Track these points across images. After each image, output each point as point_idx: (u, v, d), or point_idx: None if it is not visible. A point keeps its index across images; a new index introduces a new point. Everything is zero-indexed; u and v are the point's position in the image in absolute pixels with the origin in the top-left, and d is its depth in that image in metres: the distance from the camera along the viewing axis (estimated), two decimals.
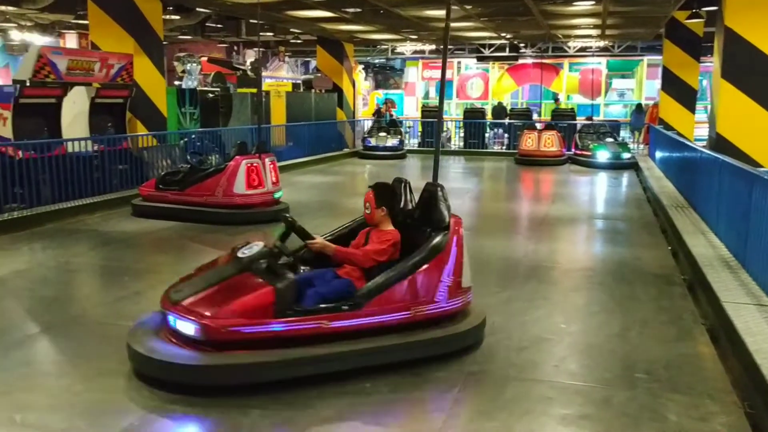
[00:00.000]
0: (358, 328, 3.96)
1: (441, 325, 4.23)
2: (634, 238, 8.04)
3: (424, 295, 4.14)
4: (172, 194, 8.91)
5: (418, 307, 4.13)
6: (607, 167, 15.64)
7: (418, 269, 4.13)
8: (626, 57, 24.78)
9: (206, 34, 20.00)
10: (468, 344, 4.31)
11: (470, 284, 4.45)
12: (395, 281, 4.08)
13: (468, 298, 4.45)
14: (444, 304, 4.22)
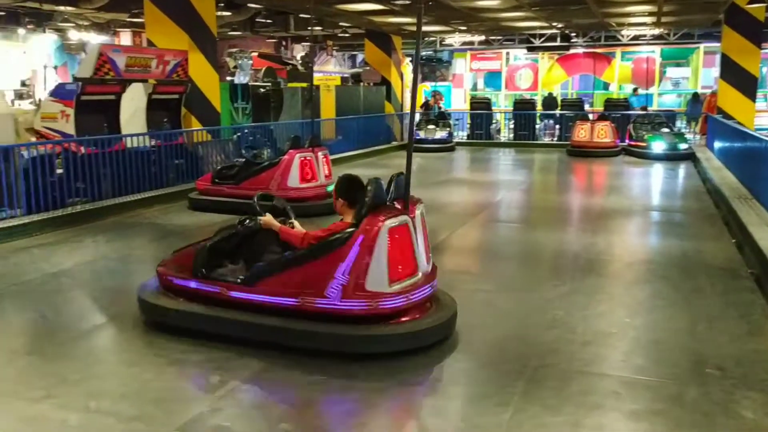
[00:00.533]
0: (252, 303, 4.27)
1: (345, 324, 4.08)
2: (696, 231, 7.80)
3: (312, 287, 4.11)
4: (228, 188, 9.05)
5: (306, 297, 4.13)
6: (662, 158, 15.23)
7: (309, 260, 4.18)
8: (682, 45, 24.05)
9: (255, 29, 20.23)
10: (361, 350, 4.03)
11: (388, 290, 4.07)
12: (285, 266, 4.25)
13: (381, 303, 4.05)
14: (336, 302, 4.06)
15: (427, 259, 4.48)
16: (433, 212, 9.23)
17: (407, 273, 4.21)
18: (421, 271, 4.31)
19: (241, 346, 4.26)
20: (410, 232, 4.28)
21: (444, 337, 4.28)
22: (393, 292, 4.11)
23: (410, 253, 4.27)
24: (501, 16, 16.41)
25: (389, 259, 4.10)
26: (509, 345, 4.32)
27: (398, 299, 4.14)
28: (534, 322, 4.74)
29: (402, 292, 4.14)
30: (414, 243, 4.29)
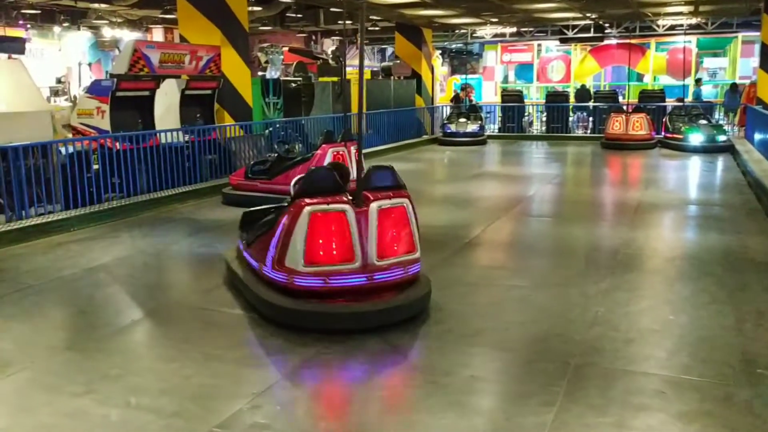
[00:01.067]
0: (248, 263, 5.17)
1: (278, 293, 4.60)
2: (738, 225, 7.59)
3: (261, 256, 4.80)
4: (261, 183, 9.07)
5: (260, 264, 4.82)
6: (700, 151, 14.87)
7: (266, 231, 4.83)
8: (719, 34, 23.46)
9: (286, 24, 20.26)
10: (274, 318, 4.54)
11: (302, 269, 4.43)
12: (260, 234, 4.99)
13: (296, 279, 4.47)
14: (269, 272, 4.65)
15: (385, 253, 4.57)
16: (466, 206, 9.17)
17: (334, 259, 4.47)
18: (361, 261, 4.48)
19: (280, 341, 4.25)
20: (346, 222, 4.47)
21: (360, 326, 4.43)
22: (307, 272, 4.44)
23: (343, 241, 4.48)
24: (533, 8, 16.18)
25: (307, 241, 4.44)
26: (550, 343, 4.23)
27: (313, 280, 4.46)
28: (575, 319, 4.64)
29: (319, 274, 4.44)
30: (352, 233, 4.47)
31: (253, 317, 4.73)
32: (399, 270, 4.65)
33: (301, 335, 4.33)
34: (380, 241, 4.57)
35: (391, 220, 4.65)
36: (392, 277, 4.61)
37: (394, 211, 4.68)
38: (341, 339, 4.30)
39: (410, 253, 4.72)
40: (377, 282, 4.56)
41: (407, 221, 4.75)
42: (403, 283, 4.70)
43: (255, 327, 4.57)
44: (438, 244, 6.87)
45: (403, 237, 4.72)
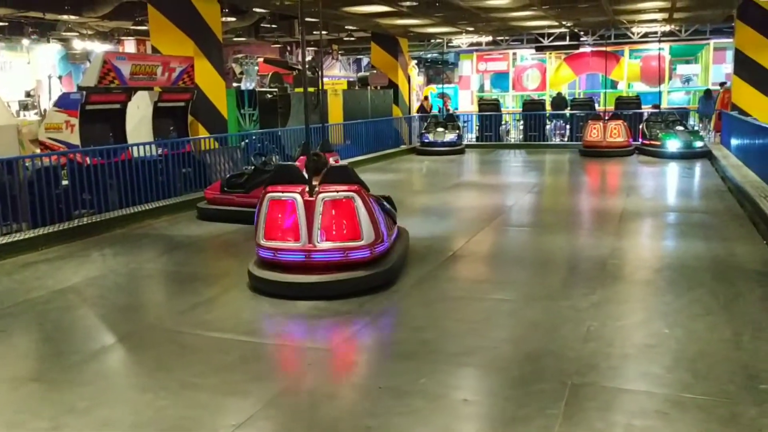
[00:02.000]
0: None
1: None
2: (725, 232, 7.51)
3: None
4: (238, 197, 8.81)
5: None
6: (678, 157, 14.92)
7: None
8: (692, 41, 23.73)
9: (260, 35, 20.05)
10: None
11: (262, 243, 5.56)
12: None
13: (259, 250, 5.63)
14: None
15: (326, 236, 5.42)
16: (447, 217, 9.01)
17: (282, 237, 5.47)
18: (305, 242, 5.39)
19: (261, 365, 4.03)
20: (295, 208, 5.45)
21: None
22: (265, 246, 5.55)
23: (291, 224, 5.44)
24: (510, 16, 16.15)
25: (266, 221, 5.54)
26: (544, 361, 4.04)
27: (268, 253, 5.55)
28: (567, 335, 4.47)
29: (271, 248, 5.51)
30: (299, 217, 5.43)
31: (231, 339, 4.49)
32: (338, 253, 5.41)
33: (284, 358, 4.11)
34: (323, 227, 5.41)
35: (336, 210, 5.45)
36: (329, 258, 5.41)
37: (341, 203, 5.46)
38: (325, 365, 4.09)
39: (353, 240, 5.43)
40: (314, 261, 5.41)
41: (353, 213, 5.46)
42: (343, 264, 5.41)
43: (232, 350, 4.33)
44: (422, 257, 6.69)
45: (347, 226, 5.46)
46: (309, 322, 4.89)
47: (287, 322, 4.92)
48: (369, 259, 5.50)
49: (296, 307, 5.30)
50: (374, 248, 5.52)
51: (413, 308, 5.15)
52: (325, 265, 5.42)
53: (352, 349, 4.35)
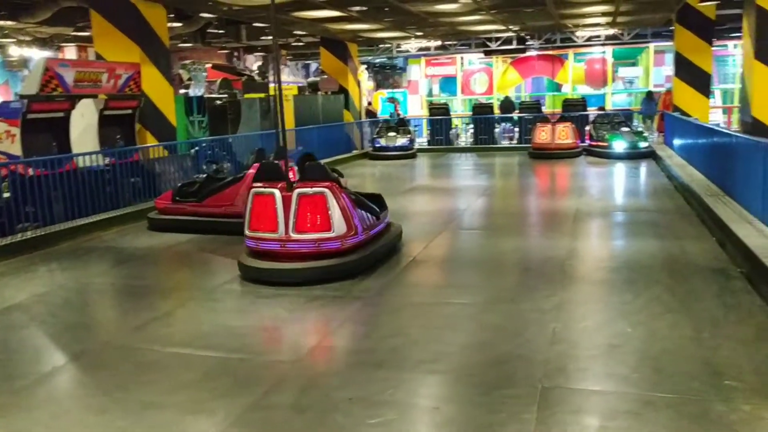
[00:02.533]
0: None
1: None
2: (676, 230, 7.69)
3: None
4: (190, 206, 8.60)
5: None
6: (624, 157, 15.29)
7: None
8: (634, 44, 24.41)
9: (207, 40, 19.68)
10: None
11: (247, 233, 6.19)
12: None
13: (247, 241, 6.25)
14: None
15: (299, 228, 5.95)
16: (403, 221, 8.94)
17: (263, 228, 6.05)
18: (282, 233, 5.95)
19: (225, 380, 3.90)
20: (273, 202, 5.98)
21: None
22: (250, 236, 6.16)
23: (270, 216, 5.98)
24: (458, 20, 16.27)
25: (251, 213, 6.13)
26: (513, 365, 4.03)
27: (252, 242, 6.16)
28: (532, 338, 4.47)
29: (254, 238, 6.12)
30: (276, 210, 5.97)
31: (192, 354, 4.34)
32: (310, 244, 5.94)
33: (247, 373, 3.99)
34: (297, 220, 5.94)
35: (309, 204, 5.97)
36: (302, 248, 5.96)
37: (314, 198, 5.98)
38: (292, 378, 3.99)
39: (324, 232, 5.95)
40: (289, 250, 5.98)
41: (325, 207, 5.97)
42: (315, 254, 5.94)
43: (195, 365, 4.18)
44: (383, 262, 6.63)
45: (319, 219, 5.97)
46: (274, 333, 4.78)
47: (250, 334, 4.79)
48: (340, 249, 5.99)
49: (260, 318, 5.18)
50: (345, 240, 6.02)
51: (379, 316, 5.09)
52: (299, 254, 5.97)
53: (320, 360, 4.26)
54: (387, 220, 7.18)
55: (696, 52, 16.24)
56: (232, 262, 7.18)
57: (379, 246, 6.53)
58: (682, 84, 16.59)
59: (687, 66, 16.41)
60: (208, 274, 6.69)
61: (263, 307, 5.57)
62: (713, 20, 16.07)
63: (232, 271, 6.73)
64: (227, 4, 12.25)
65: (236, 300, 5.71)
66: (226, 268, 6.92)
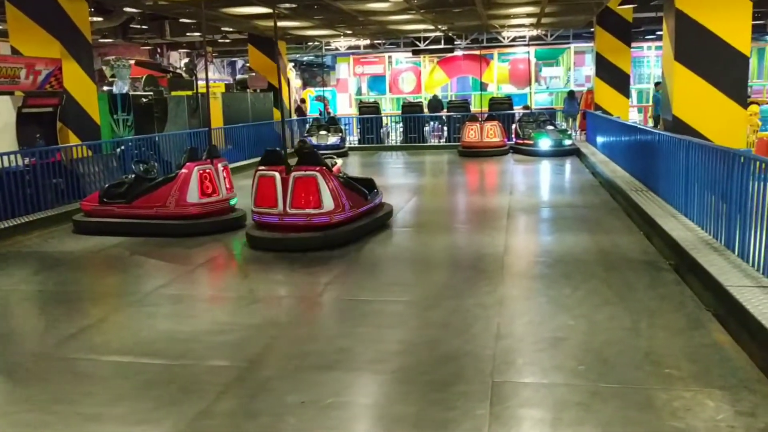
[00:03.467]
0: None
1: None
2: (605, 225, 7.97)
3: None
4: (119, 207, 8.27)
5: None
6: (550, 155, 15.73)
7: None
8: (556, 45, 25.19)
9: (129, 36, 19.01)
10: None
11: (253, 209, 7.45)
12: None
13: (254, 216, 7.49)
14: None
15: (294, 205, 7.11)
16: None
17: (265, 204, 7.27)
18: (281, 208, 7.16)
19: (170, 389, 3.76)
20: (274, 183, 7.18)
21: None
22: (255, 212, 7.42)
23: (271, 194, 7.20)
24: (388, 19, 16.35)
25: (257, 191, 7.37)
26: (462, 361, 4.07)
27: (256, 216, 7.43)
28: (479, 333, 4.53)
29: (258, 213, 7.37)
30: (276, 190, 7.16)
31: (132, 362, 4.17)
32: (302, 218, 7.11)
33: (193, 380, 3.87)
34: (293, 198, 7.10)
35: (303, 185, 7.08)
36: (297, 221, 7.14)
37: (307, 180, 7.08)
38: (240, 383, 3.89)
39: (315, 209, 7.06)
40: (286, 222, 7.16)
41: (316, 188, 7.06)
42: (308, 227, 7.11)
43: (136, 374, 4.02)
44: (323, 263, 6.59)
45: (311, 197, 7.07)
46: (217, 337, 4.64)
47: (193, 339, 4.64)
48: (329, 223, 7.11)
49: (201, 322, 5.04)
50: (333, 215, 7.12)
51: (325, 316, 5.04)
52: (295, 227, 7.13)
53: (268, 364, 4.17)
54: (378, 201, 8.24)
55: (615, 53, 16.92)
56: (166, 265, 6.99)
57: (368, 221, 7.68)
58: (602, 83, 17.25)
59: (607, 66, 17.08)
60: (142, 278, 6.45)
61: (203, 311, 5.44)
62: (631, 22, 16.78)
63: (168, 274, 6.55)
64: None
65: (174, 304, 5.53)
66: (160, 272, 6.72)
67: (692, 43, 8.56)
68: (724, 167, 5.84)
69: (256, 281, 6.22)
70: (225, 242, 7.81)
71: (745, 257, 5.28)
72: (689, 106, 8.71)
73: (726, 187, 5.74)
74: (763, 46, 25.50)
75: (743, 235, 5.29)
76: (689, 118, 8.69)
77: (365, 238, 7.59)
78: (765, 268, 4.83)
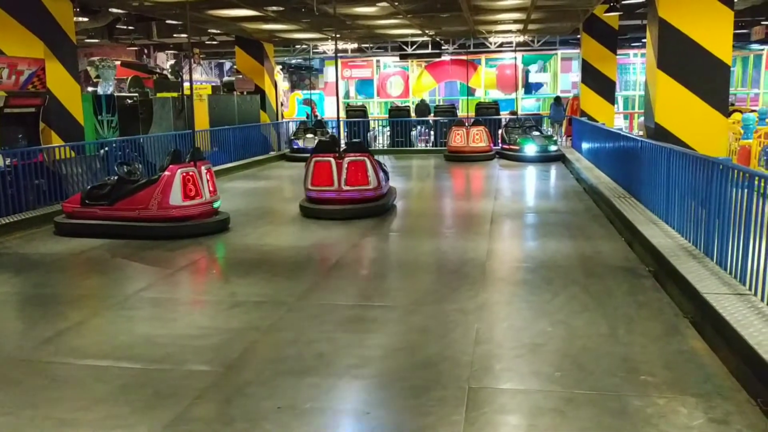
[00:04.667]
0: None
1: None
2: (588, 231, 8.02)
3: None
4: (101, 209, 8.23)
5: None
6: (535, 160, 15.81)
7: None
8: (543, 51, 25.34)
9: (115, 36, 18.93)
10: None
11: (310, 188, 9.39)
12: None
13: (308, 193, 9.51)
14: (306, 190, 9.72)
15: (348, 183, 9.19)
16: (325, 224, 8.93)
17: (322, 184, 9.25)
18: (336, 186, 9.17)
19: (146, 392, 3.74)
20: (330, 166, 9.19)
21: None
22: (311, 189, 9.36)
23: (328, 175, 9.19)
24: (376, 24, 16.37)
25: (313, 174, 9.32)
26: (440, 367, 4.08)
27: (313, 193, 9.39)
28: (458, 339, 4.54)
29: (316, 190, 9.31)
30: (332, 171, 9.16)
31: (109, 366, 4.15)
32: (356, 193, 9.20)
33: (169, 384, 3.84)
34: (348, 177, 9.19)
35: (355, 167, 9.21)
36: (350, 195, 9.19)
37: (357, 163, 9.25)
38: (217, 388, 3.88)
39: (365, 186, 9.22)
40: (343, 197, 9.21)
41: (365, 168, 9.22)
42: (359, 200, 9.19)
43: (112, 378, 4.00)
44: (305, 267, 6.60)
45: (360, 176, 9.22)
46: (196, 342, 4.62)
47: (172, 343, 4.62)
48: (373, 197, 9.30)
49: (180, 326, 5.02)
50: (376, 191, 9.35)
51: (305, 321, 5.02)
52: (350, 200, 9.18)
53: (246, 369, 4.15)
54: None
55: (601, 60, 17.03)
56: (148, 268, 6.95)
57: (390, 198, 9.84)
58: (588, 90, 17.36)
59: (593, 73, 17.18)
60: (123, 281, 6.41)
61: (183, 314, 5.41)
62: (617, 30, 16.90)
63: (148, 277, 6.51)
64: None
65: (154, 308, 5.50)
66: (141, 275, 6.68)
67: (675, 51, 8.63)
68: (703, 175, 5.89)
69: (237, 285, 6.20)
70: (207, 245, 7.78)
71: (723, 265, 5.33)
72: (671, 113, 8.78)
73: (705, 194, 5.79)
74: (748, 54, 25.78)
75: (722, 242, 5.34)
76: (671, 126, 8.75)
77: (350, 242, 7.60)
78: (742, 276, 4.88)
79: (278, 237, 8.36)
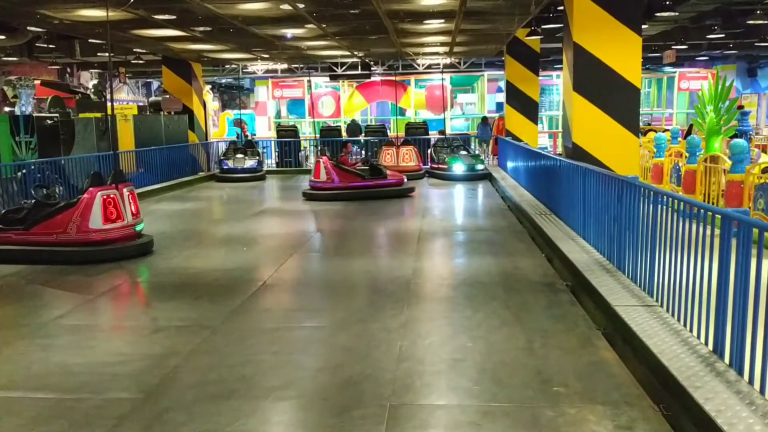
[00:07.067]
0: None
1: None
2: (510, 248, 8.26)
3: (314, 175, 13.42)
4: (16, 234, 7.94)
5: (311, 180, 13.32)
6: (464, 179, 16.16)
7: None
8: (470, 73, 25.96)
9: (35, 55, 18.32)
10: None
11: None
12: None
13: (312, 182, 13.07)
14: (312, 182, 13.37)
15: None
16: (253, 246, 8.90)
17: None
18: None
19: (54, 426, 3.64)
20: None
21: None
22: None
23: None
24: (304, 45, 16.45)
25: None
26: (363, 385, 4.13)
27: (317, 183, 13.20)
28: (381, 357, 4.61)
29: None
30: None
31: (21, 397, 4.01)
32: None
33: (85, 414, 3.75)
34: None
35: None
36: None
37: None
38: (135, 417, 3.80)
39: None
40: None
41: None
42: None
43: (24, 410, 3.87)
44: (230, 289, 6.54)
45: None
46: (115, 369, 4.52)
47: (89, 372, 4.50)
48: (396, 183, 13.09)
49: (99, 353, 4.90)
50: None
51: (228, 344, 4.99)
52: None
53: (165, 395, 4.09)
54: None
55: (524, 81, 17.62)
56: (66, 294, 6.75)
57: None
58: (512, 110, 17.89)
59: (517, 94, 17.74)
60: (39, 308, 6.19)
61: (102, 341, 5.28)
62: (538, 52, 17.53)
63: (66, 304, 6.33)
64: (58, 18, 11.51)
65: (72, 335, 5.34)
66: (59, 301, 6.48)
67: (588, 74, 9.06)
68: (614, 193, 6.19)
69: (159, 310, 6.09)
70: (130, 269, 7.61)
71: (633, 278, 5.60)
72: (587, 133, 9.19)
73: (617, 211, 6.08)
74: (662, 77, 27.20)
75: (633, 257, 5.62)
76: (587, 145, 9.15)
77: (278, 262, 7.60)
78: (650, 288, 5.15)
79: (204, 259, 8.26)
